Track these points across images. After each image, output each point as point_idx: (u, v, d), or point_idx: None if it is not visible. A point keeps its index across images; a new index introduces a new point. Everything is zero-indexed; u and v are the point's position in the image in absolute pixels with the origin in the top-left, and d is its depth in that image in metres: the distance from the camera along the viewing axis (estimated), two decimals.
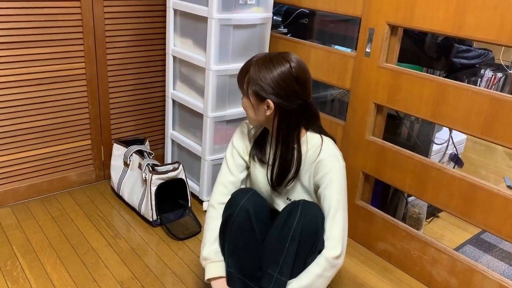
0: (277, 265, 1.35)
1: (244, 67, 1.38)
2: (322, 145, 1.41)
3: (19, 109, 1.97)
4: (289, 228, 1.33)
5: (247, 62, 1.37)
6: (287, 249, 1.33)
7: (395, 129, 2.10)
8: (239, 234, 1.39)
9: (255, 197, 1.43)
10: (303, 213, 1.33)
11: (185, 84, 2.15)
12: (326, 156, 1.39)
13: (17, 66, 1.91)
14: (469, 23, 1.48)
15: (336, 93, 2.41)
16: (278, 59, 1.32)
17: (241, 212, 1.37)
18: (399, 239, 1.84)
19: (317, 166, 1.40)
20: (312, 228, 1.33)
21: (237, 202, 1.40)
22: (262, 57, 1.35)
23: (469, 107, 1.53)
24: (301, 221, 1.32)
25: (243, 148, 1.52)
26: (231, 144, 1.54)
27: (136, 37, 2.20)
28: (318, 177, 1.40)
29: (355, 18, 1.96)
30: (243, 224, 1.38)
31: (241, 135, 1.54)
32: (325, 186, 1.38)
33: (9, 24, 1.83)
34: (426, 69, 2.04)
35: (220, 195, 1.49)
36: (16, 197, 2.09)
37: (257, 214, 1.39)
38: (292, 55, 1.35)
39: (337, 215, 1.37)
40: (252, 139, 1.52)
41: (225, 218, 1.42)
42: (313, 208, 1.37)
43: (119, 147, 2.18)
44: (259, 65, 1.33)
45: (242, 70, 1.38)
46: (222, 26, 1.85)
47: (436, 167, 1.67)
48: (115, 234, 1.93)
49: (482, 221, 1.57)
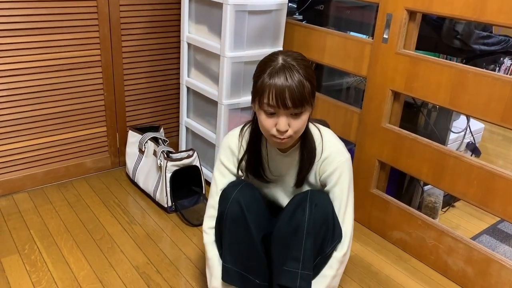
0: (297, 262, 1.30)
1: (298, 83, 1.18)
2: (322, 139, 1.36)
3: (36, 95, 1.99)
4: (302, 222, 1.29)
5: (288, 80, 1.18)
6: (304, 245, 1.29)
7: (412, 117, 2.07)
8: (233, 226, 1.34)
9: (246, 188, 1.37)
10: (312, 203, 1.30)
11: (199, 71, 2.15)
12: (331, 152, 1.35)
13: (34, 52, 1.92)
14: (491, 7, 1.45)
15: (352, 81, 2.38)
16: (294, 57, 1.22)
17: (232, 205, 1.33)
18: (415, 228, 1.83)
19: (323, 164, 1.36)
20: (325, 217, 1.31)
21: (228, 196, 1.35)
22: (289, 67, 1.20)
23: (489, 94, 1.50)
24: (313, 213, 1.29)
25: (234, 163, 1.43)
26: (219, 163, 1.44)
27: (151, 24, 2.20)
28: (325, 175, 1.36)
29: (372, 4, 1.93)
30: (235, 216, 1.33)
31: (229, 150, 1.43)
32: (334, 184, 1.35)
33: (26, 10, 1.84)
34: (444, 56, 2.00)
35: (211, 220, 1.43)
36: (33, 183, 2.12)
37: (249, 204, 1.34)
38: (281, 51, 1.27)
39: (347, 213, 1.36)
40: (242, 152, 1.42)
41: (219, 214, 1.39)
42: (322, 197, 1.34)
43: (134, 134, 2.20)
44: (303, 68, 1.20)
45: (299, 89, 1.18)
46: (237, 12, 1.83)
47: (454, 155, 1.64)
48: (130, 220, 1.95)
49: (501, 210, 1.54)
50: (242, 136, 1.42)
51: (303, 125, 1.26)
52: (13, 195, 2.06)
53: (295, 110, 1.21)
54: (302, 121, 1.24)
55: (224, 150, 1.44)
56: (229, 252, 1.37)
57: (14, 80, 1.91)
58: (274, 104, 1.19)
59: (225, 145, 1.44)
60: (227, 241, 1.36)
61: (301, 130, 1.28)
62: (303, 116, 1.24)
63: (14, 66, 1.89)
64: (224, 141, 1.44)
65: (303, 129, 1.28)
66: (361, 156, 1.96)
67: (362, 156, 1.96)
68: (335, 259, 1.36)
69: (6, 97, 1.91)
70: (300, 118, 1.23)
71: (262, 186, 1.48)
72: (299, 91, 1.18)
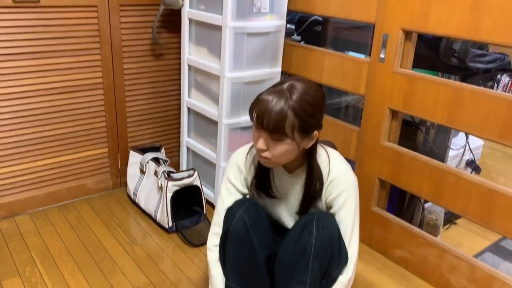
0: (303, 285, 1.29)
1: (277, 111, 1.17)
2: (329, 161, 1.35)
3: (38, 118, 2.01)
4: (309, 245, 1.28)
5: (272, 106, 1.18)
6: (311, 268, 1.28)
7: (410, 135, 2.09)
8: (237, 244, 1.34)
9: (252, 207, 1.37)
10: (319, 225, 1.29)
11: (200, 91, 2.17)
12: (338, 174, 1.34)
13: (36, 76, 1.95)
14: (485, 26, 1.47)
15: (350, 99, 2.40)
16: (299, 87, 1.21)
17: (237, 223, 1.33)
18: (417, 246, 1.82)
19: (330, 186, 1.35)
20: (331, 240, 1.30)
21: (233, 214, 1.35)
22: (285, 94, 1.19)
23: (486, 111, 1.52)
24: (320, 235, 1.28)
25: (242, 181, 1.42)
26: (226, 180, 1.43)
27: (152, 47, 2.24)
28: (332, 197, 1.35)
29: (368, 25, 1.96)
30: (240, 234, 1.32)
31: (236, 168, 1.42)
32: (340, 206, 1.34)
33: (29, 35, 1.88)
34: (442, 74, 2.03)
35: (216, 237, 1.42)
36: (35, 204, 2.12)
37: (254, 223, 1.33)
38: (294, 78, 1.26)
39: (353, 236, 1.35)
40: (253, 169, 1.41)
41: (223, 232, 1.38)
42: (329, 219, 1.33)
43: (136, 154, 2.21)
44: (295, 103, 1.18)
45: (276, 117, 1.17)
46: (237, 34, 1.87)
47: (453, 172, 1.65)
48: (131, 241, 1.95)
49: (502, 227, 1.54)
50: (251, 154, 1.42)
51: (284, 153, 1.23)
52: (15, 217, 2.07)
53: (273, 135, 1.20)
54: (282, 150, 1.22)
55: (231, 167, 1.43)
56: (233, 271, 1.36)
57: (16, 103, 1.93)
58: (256, 122, 1.22)
59: (232, 162, 1.43)
60: (231, 259, 1.36)
61: (282, 158, 1.25)
62: (284, 145, 1.22)
63: (16, 90, 1.92)
64: (232, 158, 1.44)
65: (285, 158, 1.26)
66: (361, 174, 1.97)
67: (362, 174, 1.97)
68: (340, 284, 1.34)
69: (9, 119, 1.94)
70: (280, 145, 1.21)
71: (267, 203, 1.47)
72: (276, 118, 1.17)
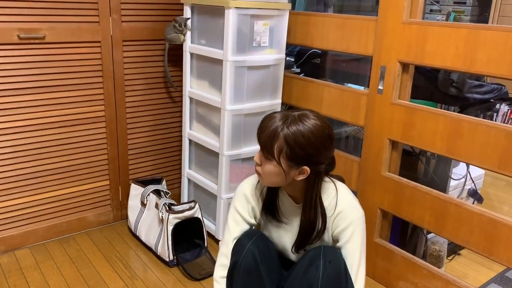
0: None
1: (271, 130, 1.22)
2: (337, 194, 1.34)
3: (39, 151, 2.02)
4: (316, 280, 1.25)
5: (271, 124, 1.23)
6: None
7: (411, 165, 2.09)
8: (246, 279, 1.32)
9: (261, 240, 1.36)
10: (326, 260, 1.27)
11: (201, 124, 2.20)
12: (345, 207, 1.32)
13: (39, 110, 1.98)
14: (480, 58, 1.51)
15: (350, 130, 2.42)
16: (306, 119, 1.23)
17: (246, 256, 1.31)
18: (420, 277, 1.79)
19: (337, 219, 1.32)
20: (338, 275, 1.28)
21: (242, 246, 1.34)
22: (288, 119, 1.23)
23: (485, 141, 1.53)
24: (327, 270, 1.26)
25: (249, 211, 1.41)
26: (233, 210, 1.41)
27: (154, 80, 2.28)
28: (338, 231, 1.33)
29: (367, 57, 2.00)
30: (249, 268, 1.31)
31: (244, 198, 1.41)
32: (347, 240, 1.32)
33: (34, 70, 1.92)
34: (440, 105, 2.05)
35: (223, 269, 1.40)
36: (35, 238, 2.11)
37: (264, 257, 1.33)
38: (312, 112, 1.26)
39: (359, 271, 1.33)
40: (260, 199, 1.41)
41: (232, 264, 1.37)
42: (335, 254, 1.31)
43: (137, 187, 2.21)
44: (291, 129, 1.21)
45: (268, 134, 1.22)
46: (237, 67, 1.91)
47: (454, 202, 1.64)
48: (132, 275, 1.93)
49: (506, 258, 1.53)
50: (259, 184, 1.41)
51: (270, 174, 1.27)
52: (15, 251, 2.05)
53: (264, 152, 1.26)
54: (269, 170, 1.26)
55: (239, 197, 1.42)
56: None
57: (18, 137, 1.95)
58: (257, 133, 1.29)
59: (240, 192, 1.42)
60: None
61: (269, 179, 1.28)
62: (271, 166, 1.25)
63: (19, 124, 1.94)
64: (239, 189, 1.43)
65: (272, 180, 1.28)
66: (362, 204, 1.96)
67: (363, 205, 1.96)
68: None
69: (11, 153, 1.95)
70: (268, 164, 1.26)
71: (273, 233, 1.45)
72: (267, 136, 1.23)
